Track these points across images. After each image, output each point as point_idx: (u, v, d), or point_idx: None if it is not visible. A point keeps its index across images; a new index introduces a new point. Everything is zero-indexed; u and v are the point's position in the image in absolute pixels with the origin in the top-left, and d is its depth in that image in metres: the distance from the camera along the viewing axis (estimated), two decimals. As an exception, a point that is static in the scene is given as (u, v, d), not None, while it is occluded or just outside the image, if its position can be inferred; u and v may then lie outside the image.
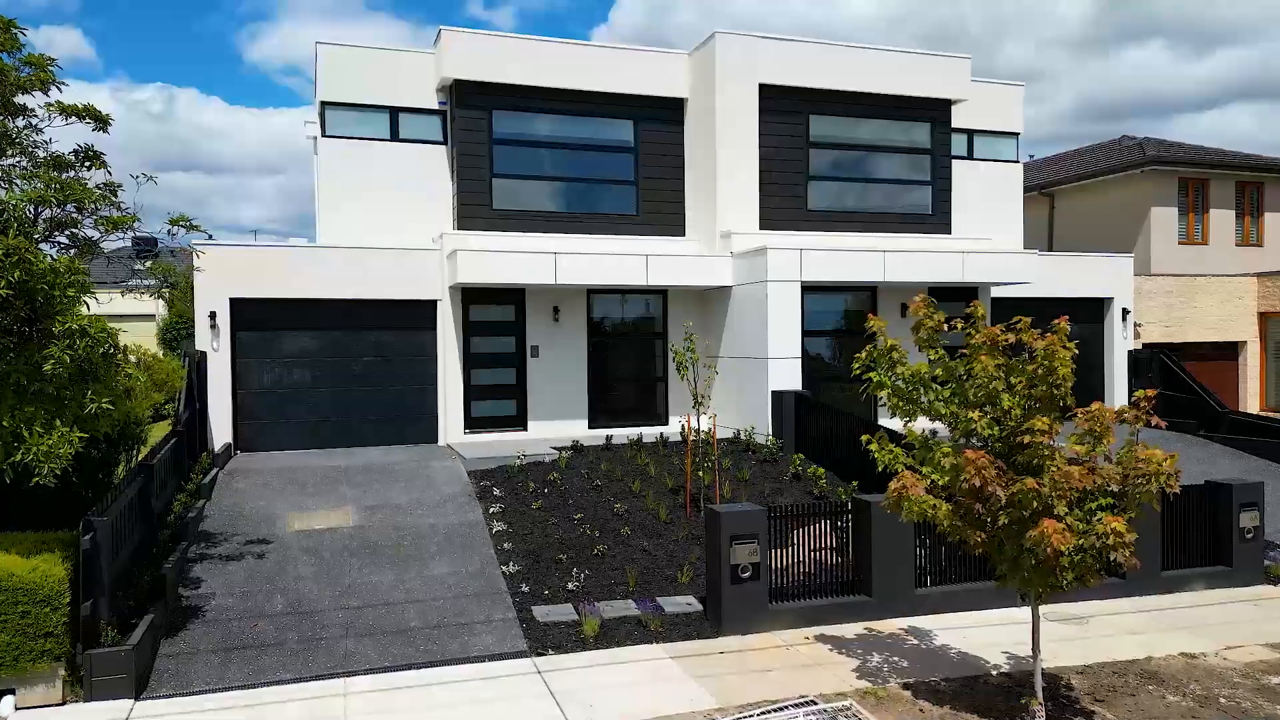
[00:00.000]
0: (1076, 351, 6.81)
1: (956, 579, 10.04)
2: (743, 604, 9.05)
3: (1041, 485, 6.21)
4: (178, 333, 28.03)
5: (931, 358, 7.49)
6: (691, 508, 11.86)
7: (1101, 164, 23.43)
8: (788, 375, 14.78)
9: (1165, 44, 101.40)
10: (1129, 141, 25.08)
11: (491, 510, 11.74)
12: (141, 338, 29.62)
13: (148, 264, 9.89)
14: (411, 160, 16.69)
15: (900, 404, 7.41)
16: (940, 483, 7.02)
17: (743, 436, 14.84)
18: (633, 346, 17.12)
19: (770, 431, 14.64)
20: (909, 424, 7.47)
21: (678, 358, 11.68)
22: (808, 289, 15.17)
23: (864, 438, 7.58)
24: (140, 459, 11.04)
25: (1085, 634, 9.20)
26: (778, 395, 14.56)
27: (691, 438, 12.28)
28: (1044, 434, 6.34)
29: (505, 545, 10.77)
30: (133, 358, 9.32)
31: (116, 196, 8.76)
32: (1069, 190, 24.13)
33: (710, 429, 12.46)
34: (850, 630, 9.30)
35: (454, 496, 12.28)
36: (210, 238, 8.98)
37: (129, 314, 32.88)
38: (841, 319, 17.11)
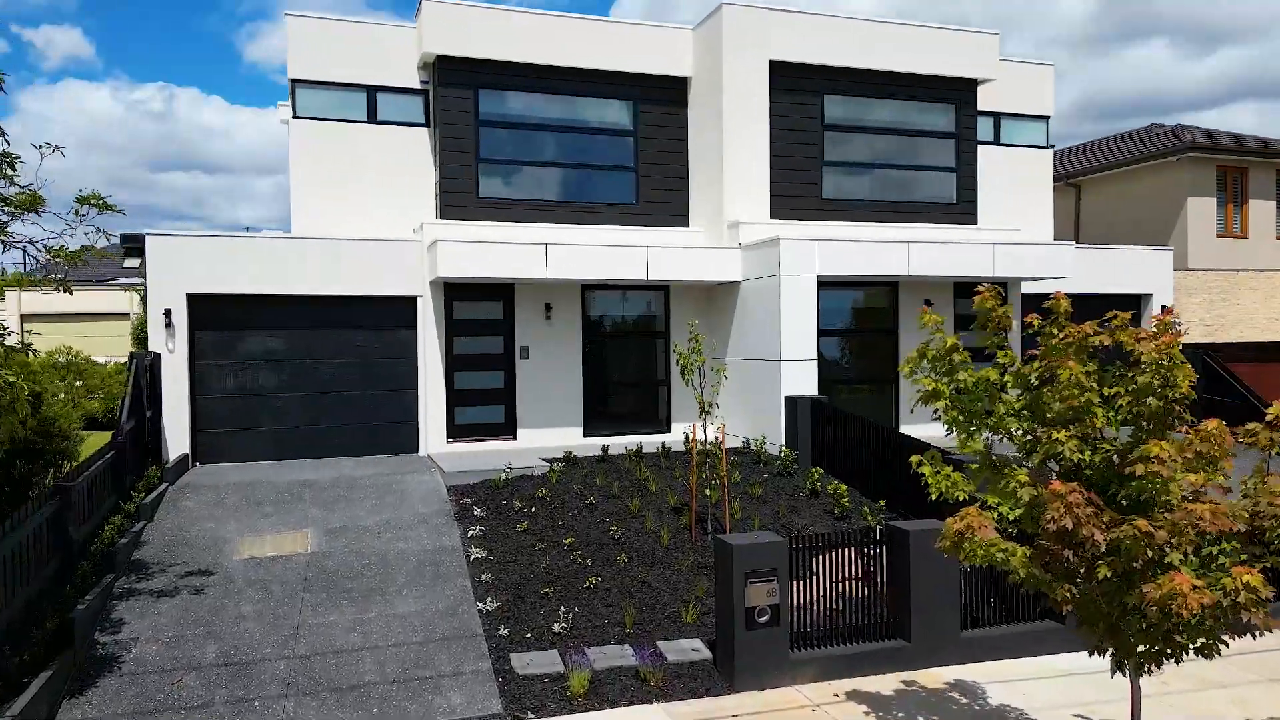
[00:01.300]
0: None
1: (1010, 618, 8.62)
2: (759, 653, 7.64)
3: (1157, 528, 4.79)
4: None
5: (1001, 360, 6.03)
6: (698, 530, 10.45)
7: (1133, 152, 21.99)
8: (803, 379, 13.36)
9: (1168, 42, 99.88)
10: (1159, 129, 23.62)
11: (471, 533, 10.33)
12: (117, 336, 28.31)
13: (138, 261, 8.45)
14: (392, 145, 15.30)
15: (958, 418, 5.99)
16: (1011, 516, 5.62)
17: (753, 446, 13.42)
18: (632, 347, 15.71)
19: (783, 441, 13.23)
20: (967, 441, 6.04)
21: (682, 360, 10.27)
22: (823, 284, 13.75)
23: (913, 460, 6.14)
24: (62, 477, 9.64)
25: (1165, 688, 7.77)
26: (791, 401, 13.14)
27: (697, 449, 10.87)
28: (1162, 463, 4.91)
29: (484, 576, 9.36)
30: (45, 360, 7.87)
31: (15, 170, 7.34)
32: (1097, 180, 22.69)
33: (718, 439, 11.04)
34: (887, 684, 7.87)
35: (429, 517, 10.88)
36: (125, 215, 7.52)
37: (104, 313, 31.62)
38: (858, 317, 15.69)
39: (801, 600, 8.02)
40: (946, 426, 6.07)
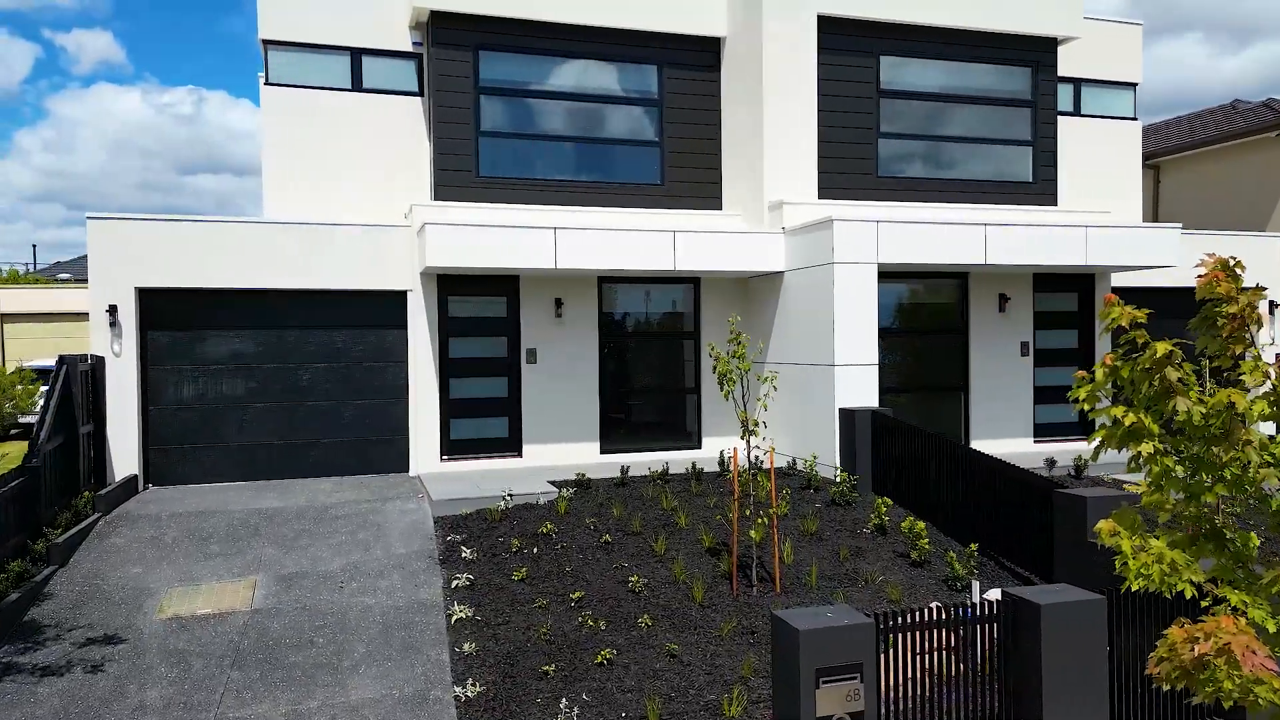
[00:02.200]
0: None
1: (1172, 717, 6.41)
2: (836, 778, 5.49)
3: None
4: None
5: (1253, 379, 3.75)
6: (740, 581, 8.31)
7: (1220, 129, 19.53)
8: (860, 387, 11.18)
9: (1201, 37, 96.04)
10: (1244, 105, 21.11)
11: (456, 583, 8.27)
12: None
13: None
14: (380, 117, 13.31)
15: (1174, 471, 3.79)
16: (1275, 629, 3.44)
17: (801, 467, 11.27)
18: (656, 350, 13.58)
19: (838, 462, 11.06)
20: (1186, 505, 3.83)
21: (720, 366, 8.13)
22: (879, 276, 11.56)
23: (1102, 529, 3.90)
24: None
25: None
26: (848, 415, 10.96)
27: (739, 476, 8.70)
28: None
29: (467, 645, 7.29)
30: None
31: None
32: (1179, 161, 20.24)
33: (759, 459, 8.85)
34: (1013, 821, 5.70)
35: (407, 560, 8.83)
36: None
37: (83, 312, 29.98)
38: (918, 316, 13.46)
39: (883, 686, 5.83)
40: (1150, 483, 3.87)
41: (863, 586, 8.41)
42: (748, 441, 8.32)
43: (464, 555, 8.80)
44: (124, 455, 11.24)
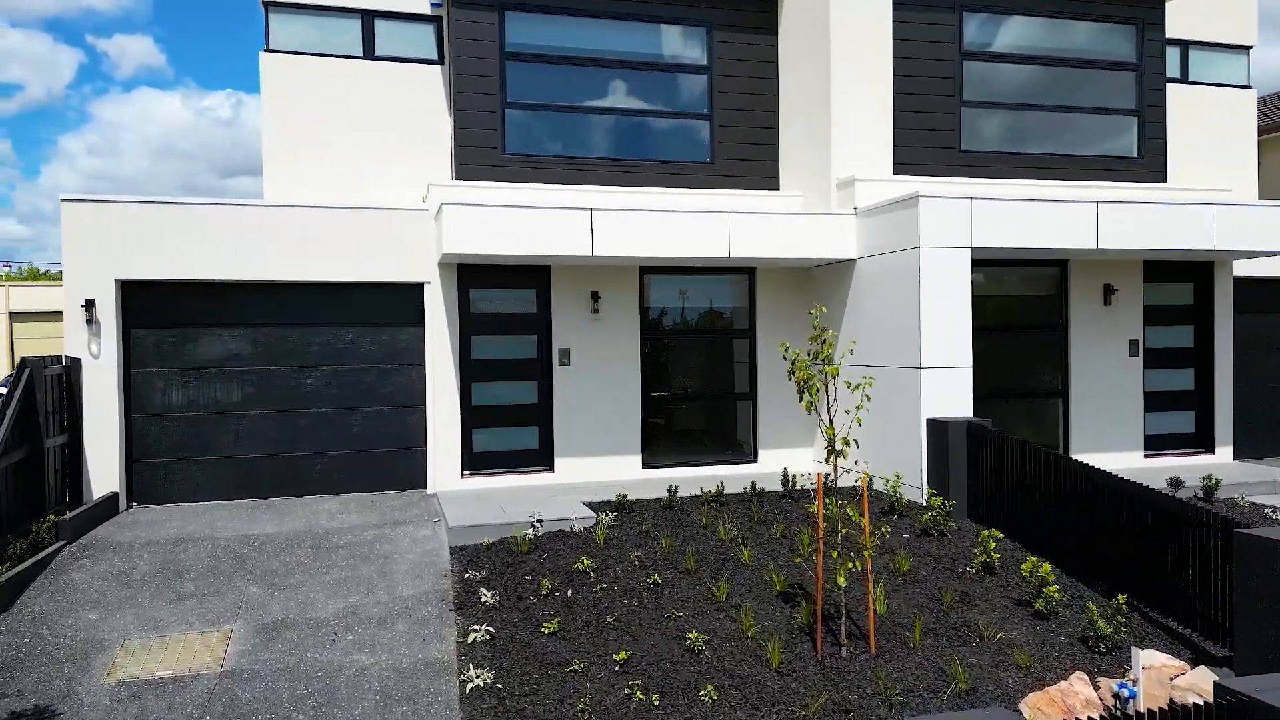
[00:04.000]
0: None
1: None
2: None
3: None
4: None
5: None
6: (824, 639, 6.66)
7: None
8: (952, 394, 9.49)
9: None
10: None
11: (473, 636, 6.73)
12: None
13: None
14: (394, 87, 11.89)
15: None
16: None
17: (882, 488, 9.59)
18: (705, 350, 11.96)
19: (925, 482, 9.38)
20: None
21: (799, 371, 6.49)
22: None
23: None
24: None
25: None
26: (939, 427, 9.27)
27: (822, 510, 6.99)
28: None
29: (484, 726, 5.74)
30: None
31: None
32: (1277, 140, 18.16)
33: (831, 478, 7.14)
34: None
35: (415, 604, 7.32)
36: None
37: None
38: (1007, 310, 11.69)
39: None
40: None
41: (977, 646, 6.73)
42: (834, 464, 6.67)
43: (484, 599, 7.26)
44: (103, 471, 9.87)
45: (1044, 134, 12.15)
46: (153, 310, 10.24)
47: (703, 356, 11.89)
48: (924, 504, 9.06)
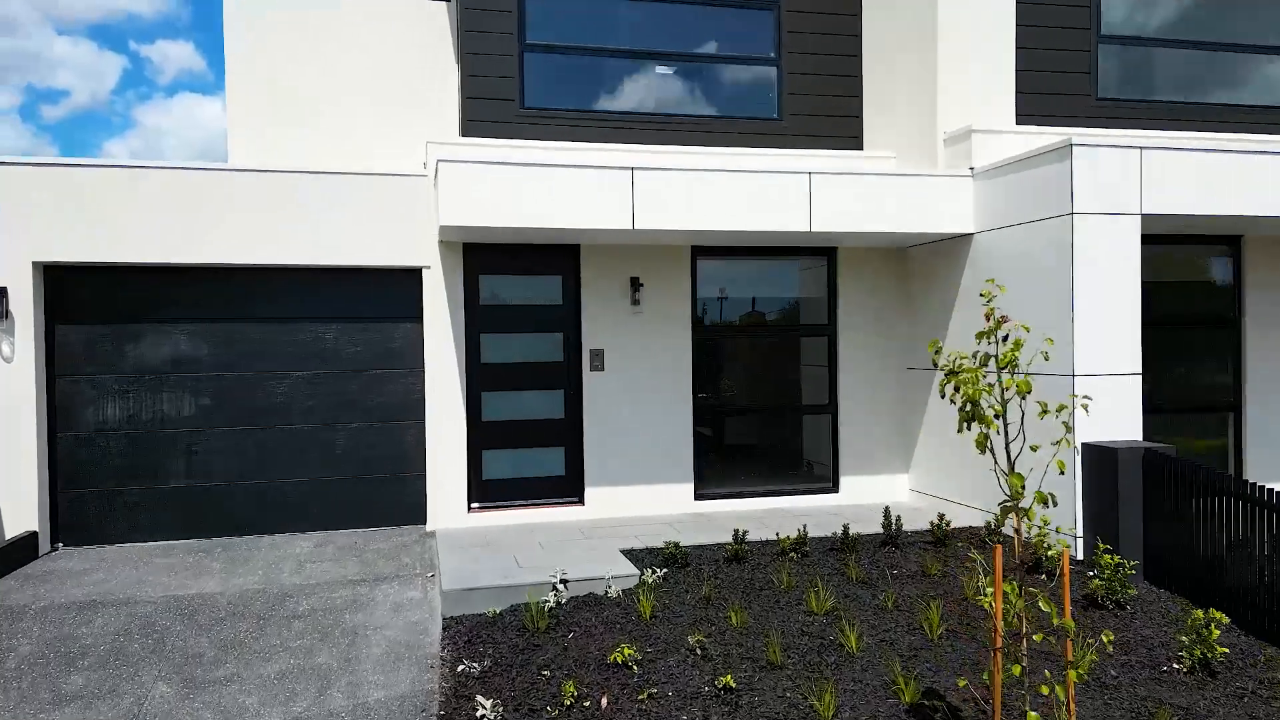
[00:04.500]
0: None
1: None
2: None
3: None
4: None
5: None
6: (995, 796, 4.30)
7: None
8: (1115, 411, 7.07)
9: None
10: None
11: (460, 780, 4.48)
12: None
13: None
14: (386, 29, 9.72)
15: None
16: None
17: (1009, 533, 7.15)
18: (772, 351, 9.62)
19: (1079, 529, 6.97)
20: None
21: (966, 389, 4.19)
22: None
23: None
24: None
25: None
26: (1103, 456, 6.85)
27: (1000, 590, 4.63)
28: None
29: None
30: None
31: None
32: None
33: (987, 527, 4.76)
34: None
35: (384, 718, 5.08)
36: None
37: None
38: (1163, 300, 9.17)
39: None
40: None
41: (1236, 810, 4.33)
42: (1018, 527, 4.32)
43: (480, 714, 5.01)
44: (17, 504, 7.80)
45: (1192, 78, 9.64)
46: (83, 301, 8.16)
47: (769, 359, 9.55)
48: (1095, 562, 6.65)
